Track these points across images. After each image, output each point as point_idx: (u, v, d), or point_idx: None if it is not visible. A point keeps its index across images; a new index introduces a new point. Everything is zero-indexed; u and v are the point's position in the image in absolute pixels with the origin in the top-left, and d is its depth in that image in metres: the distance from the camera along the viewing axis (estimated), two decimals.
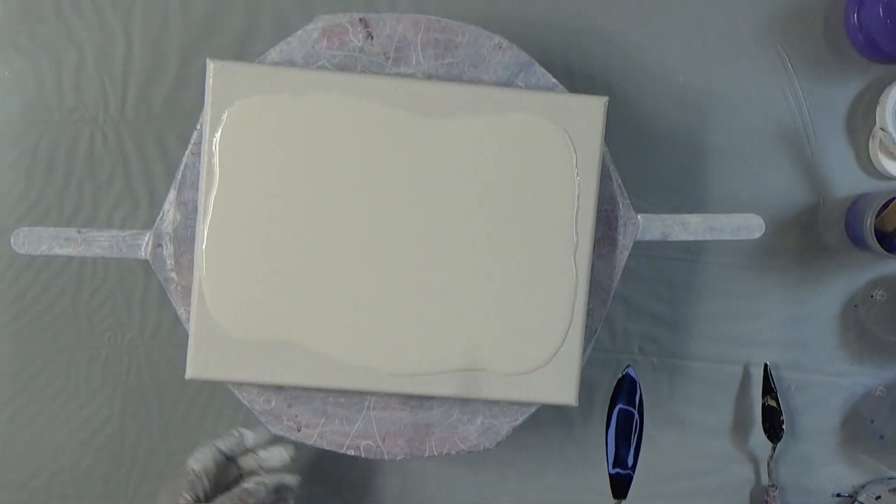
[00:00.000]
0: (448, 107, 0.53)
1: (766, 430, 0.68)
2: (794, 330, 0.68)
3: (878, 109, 0.64)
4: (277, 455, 0.58)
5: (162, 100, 0.65)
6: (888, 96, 0.63)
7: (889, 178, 0.67)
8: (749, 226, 0.59)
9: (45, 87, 0.64)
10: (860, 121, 0.67)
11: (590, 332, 0.57)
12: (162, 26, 0.64)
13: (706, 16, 0.66)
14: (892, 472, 0.69)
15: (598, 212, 0.55)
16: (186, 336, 0.56)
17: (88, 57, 0.64)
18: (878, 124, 0.64)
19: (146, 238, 0.56)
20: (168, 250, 0.56)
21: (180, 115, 0.64)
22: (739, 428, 0.69)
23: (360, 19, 0.55)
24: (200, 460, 0.55)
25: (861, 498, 0.68)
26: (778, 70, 0.67)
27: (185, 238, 0.55)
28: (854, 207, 0.66)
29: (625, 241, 0.58)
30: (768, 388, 0.67)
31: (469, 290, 0.54)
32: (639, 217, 0.58)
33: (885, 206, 0.63)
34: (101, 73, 0.64)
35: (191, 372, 0.54)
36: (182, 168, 0.55)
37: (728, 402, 0.69)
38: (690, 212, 0.67)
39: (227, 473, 0.57)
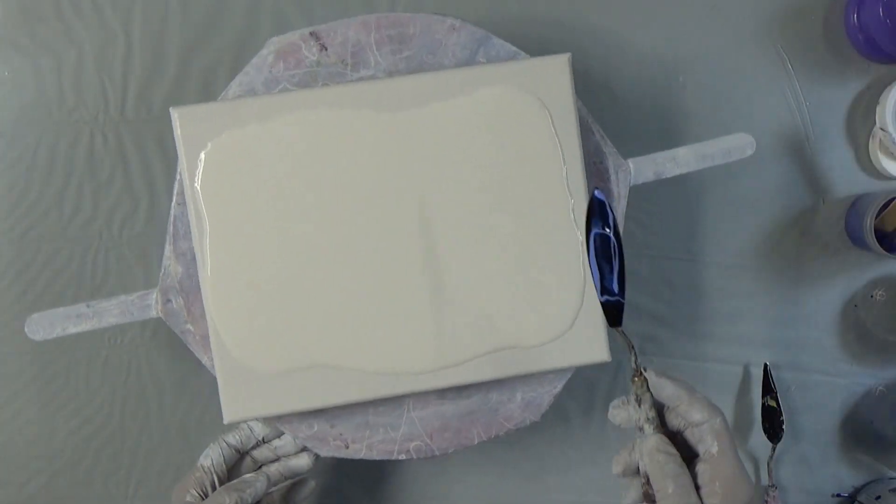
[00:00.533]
0: (417, 98, 0.53)
1: (766, 430, 0.68)
2: (795, 330, 0.68)
3: (878, 109, 0.64)
4: (291, 441, 0.57)
5: (162, 100, 0.65)
6: (888, 96, 0.63)
7: (889, 178, 0.67)
8: (740, 146, 0.58)
9: (45, 87, 0.64)
10: (860, 121, 0.67)
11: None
12: (162, 26, 0.64)
13: (706, 16, 0.66)
14: (892, 472, 0.69)
15: (586, 166, 0.54)
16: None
17: (88, 57, 0.64)
18: (878, 124, 0.64)
19: (154, 296, 0.56)
20: (178, 303, 0.55)
21: None
22: (739, 428, 0.69)
23: (311, 33, 0.54)
24: (209, 456, 0.55)
25: (861, 498, 0.68)
26: (778, 70, 0.67)
27: (191, 288, 0.55)
28: (854, 207, 0.66)
29: (620, 189, 0.57)
30: (768, 388, 0.67)
31: (480, 273, 0.53)
32: (629, 162, 0.57)
33: (885, 206, 0.63)
34: (101, 73, 0.64)
35: (228, 417, 0.53)
36: (171, 220, 0.55)
37: (728, 402, 0.69)
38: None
39: (241, 468, 0.58)
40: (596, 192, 0.47)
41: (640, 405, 0.46)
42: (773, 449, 0.67)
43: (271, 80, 0.55)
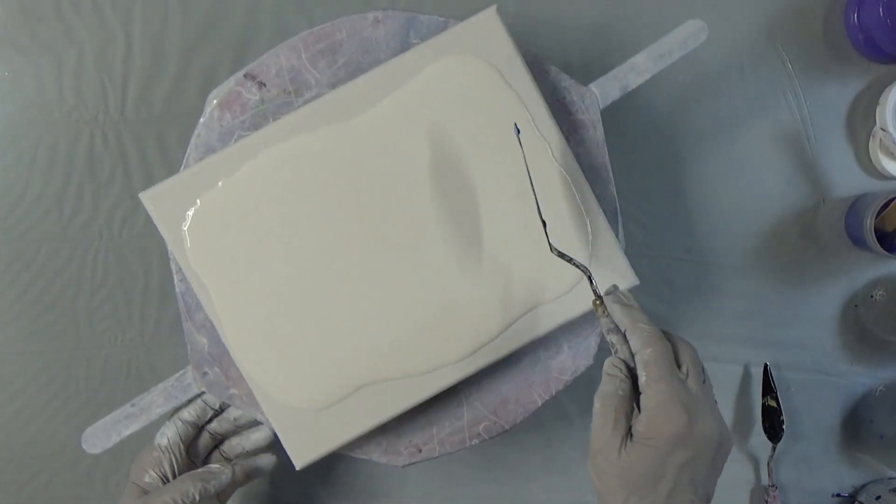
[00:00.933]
0: (367, 99, 0.52)
1: (766, 430, 0.68)
2: (794, 330, 0.68)
3: (878, 109, 0.64)
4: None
5: (162, 100, 0.65)
6: (888, 96, 0.63)
7: (889, 178, 0.67)
8: (693, 33, 0.56)
9: (45, 87, 0.64)
10: (860, 121, 0.67)
11: (612, 213, 0.56)
12: (162, 26, 0.64)
13: (706, 16, 0.66)
14: (892, 472, 0.69)
15: (550, 105, 0.54)
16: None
17: (88, 57, 0.64)
18: (878, 124, 0.64)
19: (189, 373, 0.56)
20: (215, 373, 0.55)
21: (180, 115, 0.65)
22: (739, 428, 0.69)
23: (245, 75, 0.54)
24: (166, 434, 0.55)
25: (861, 498, 0.68)
26: (778, 70, 0.67)
27: (221, 354, 0.55)
28: (854, 207, 0.66)
29: (591, 117, 0.56)
30: (768, 388, 0.67)
31: (493, 245, 0.53)
32: (591, 87, 0.56)
33: (885, 206, 0.63)
34: (101, 73, 0.64)
35: (298, 463, 0.53)
36: (179, 298, 0.55)
37: (728, 402, 0.69)
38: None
39: (199, 444, 0.57)
40: (515, 126, 0.50)
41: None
42: (773, 449, 0.67)
43: (224, 133, 0.55)
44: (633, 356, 0.46)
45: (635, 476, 0.42)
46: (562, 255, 0.49)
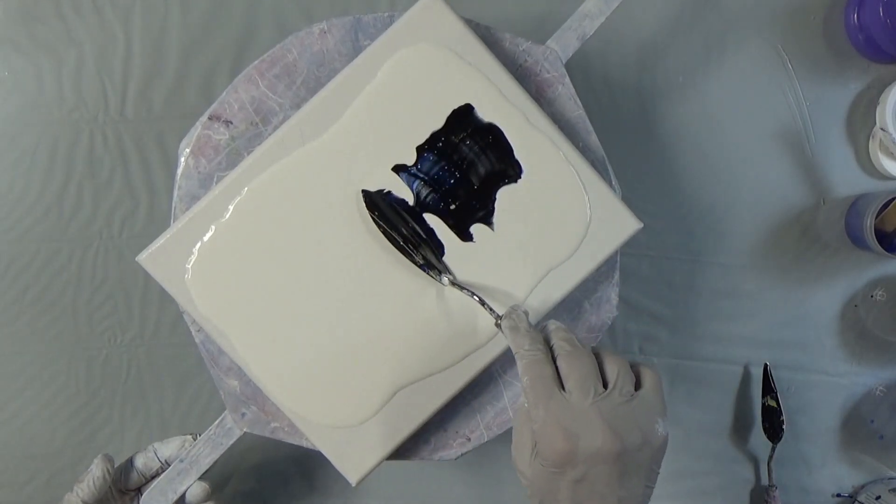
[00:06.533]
0: (333, 111, 0.52)
1: (766, 430, 0.68)
2: (794, 330, 0.68)
3: (878, 109, 0.64)
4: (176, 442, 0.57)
5: (162, 100, 0.65)
6: (888, 96, 0.63)
7: (889, 178, 0.67)
8: None
9: (45, 87, 0.64)
10: (860, 121, 0.67)
11: (600, 162, 0.55)
12: (162, 26, 0.64)
13: (706, 15, 0.66)
14: (892, 472, 0.69)
15: (513, 72, 0.53)
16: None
17: (88, 57, 0.64)
18: (878, 124, 0.64)
19: (228, 417, 0.56)
20: (252, 411, 0.55)
21: (180, 115, 0.65)
22: (739, 428, 0.69)
23: (210, 117, 0.54)
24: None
25: (861, 498, 0.68)
26: (778, 70, 0.67)
27: (255, 391, 0.55)
28: (854, 207, 0.66)
29: (556, 74, 0.55)
30: (768, 388, 0.67)
31: (499, 221, 0.53)
32: (549, 44, 0.56)
33: (885, 206, 0.63)
34: (101, 73, 0.64)
35: (353, 479, 0.53)
36: (201, 347, 0.55)
37: (728, 402, 0.69)
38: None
39: (132, 480, 0.57)
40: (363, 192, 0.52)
41: None
42: (773, 449, 0.67)
43: (204, 178, 0.54)
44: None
45: (538, 488, 0.44)
46: (455, 285, 0.51)
